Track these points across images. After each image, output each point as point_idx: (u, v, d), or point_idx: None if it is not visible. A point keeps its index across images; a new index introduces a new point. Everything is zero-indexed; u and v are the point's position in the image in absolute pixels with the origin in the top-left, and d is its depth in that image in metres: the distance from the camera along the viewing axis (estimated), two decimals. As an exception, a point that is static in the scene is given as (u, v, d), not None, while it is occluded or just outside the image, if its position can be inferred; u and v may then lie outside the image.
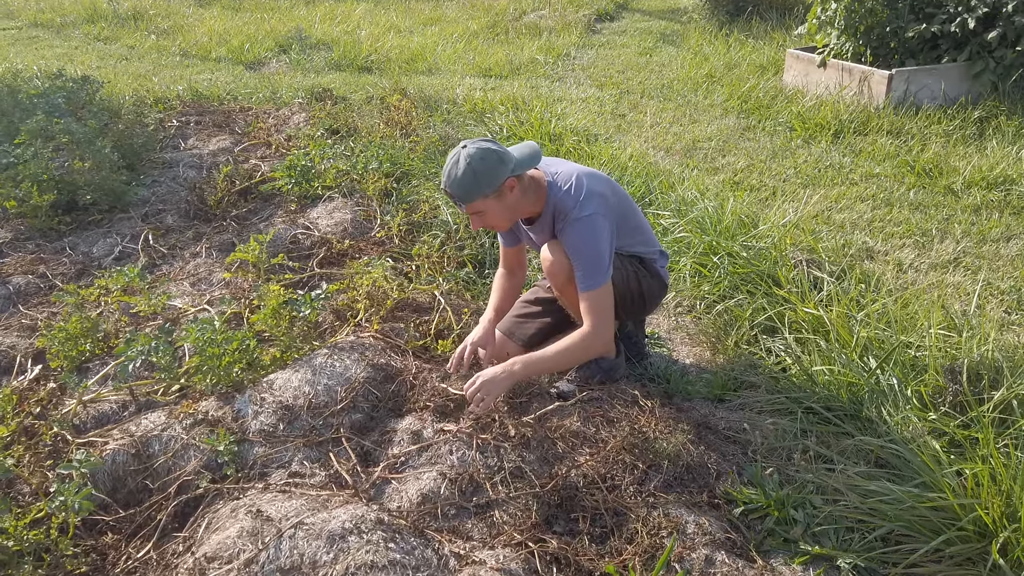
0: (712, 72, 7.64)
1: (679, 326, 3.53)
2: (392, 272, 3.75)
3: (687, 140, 5.94)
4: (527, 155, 2.65)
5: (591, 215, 2.61)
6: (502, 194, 2.58)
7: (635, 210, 2.93)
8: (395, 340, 3.10)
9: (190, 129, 6.13)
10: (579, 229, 2.61)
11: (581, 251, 2.62)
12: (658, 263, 3.00)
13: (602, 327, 2.66)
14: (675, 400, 2.96)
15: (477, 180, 2.51)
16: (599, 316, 2.65)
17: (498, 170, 2.53)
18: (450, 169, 2.55)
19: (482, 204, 2.59)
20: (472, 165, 2.50)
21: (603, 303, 2.65)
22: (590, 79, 8.03)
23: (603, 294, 2.64)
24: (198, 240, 4.26)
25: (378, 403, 2.74)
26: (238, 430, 2.58)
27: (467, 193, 2.54)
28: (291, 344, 2.87)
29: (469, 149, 2.53)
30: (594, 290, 2.62)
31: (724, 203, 4.27)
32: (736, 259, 3.66)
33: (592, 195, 2.65)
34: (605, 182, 2.78)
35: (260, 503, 2.22)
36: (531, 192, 2.69)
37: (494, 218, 2.66)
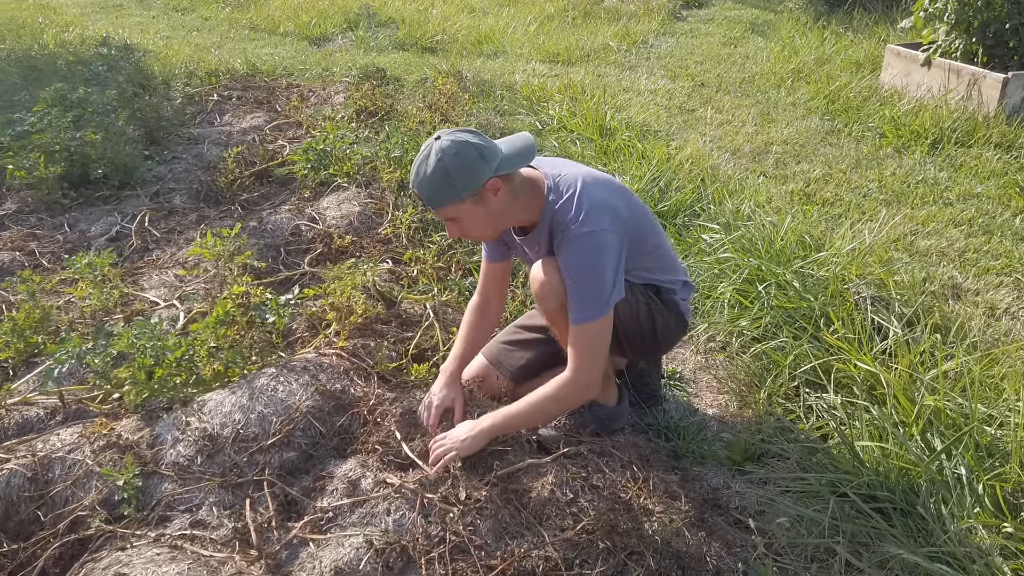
0: (800, 67, 6.89)
1: (707, 366, 2.98)
2: (386, 277, 3.33)
3: (759, 142, 5.28)
4: (518, 150, 2.16)
5: (595, 231, 2.11)
6: (482, 198, 2.11)
7: (655, 229, 2.40)
8: (363, 360, 2.68)
9: (229, 104, 5.89)
10: (579, 247, 2.11)
11: (578, 274, 2.12)
12: (679, 295, 2.46)
13: (586, 370, 2.16)
14: (683, 463, 2.43)
15: (450, 180, 2.05)
16: (585, 357, 2.15)
17: (477, 168, 2.06)
18: (419, 166, 2.09)
19: (456, 209, 2.12)
20: (444, 162, 2.04)
21: (593, 342, 2.15)
22: (664, 69, 7.39)
23: (596, 331, 2.14)
24: (199, 224, 3.96)
25: (319, 440, 2.33)
26: (151, 459, 2.21)
27: (437, 195, 2.09)
28: (234, 359, 2.49)
29: (442, 142, 2.07)
30: (585, 324, 2.12)
31: (783, 219, 3.66)
32: (785, 290, 3.07)
33: (599, 206, 2.15)
34: (619, 192, 2.27)
35: (132, 565, 1.84)
36: (523, 196, 2.20)
37: (473, 227, 2.19)
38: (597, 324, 2.13)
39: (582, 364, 2.14)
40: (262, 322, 2.83)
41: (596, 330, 2.14)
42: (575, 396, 2.21)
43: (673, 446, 2.50)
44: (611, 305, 2.14)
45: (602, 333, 2.16)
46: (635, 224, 2.26)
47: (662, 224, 3.95)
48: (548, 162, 2.33)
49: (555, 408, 2.26)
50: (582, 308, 2.12)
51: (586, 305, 2.12)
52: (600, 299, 2.11)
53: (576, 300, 2.12)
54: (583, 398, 2.28)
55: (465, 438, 2.17)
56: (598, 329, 2.14)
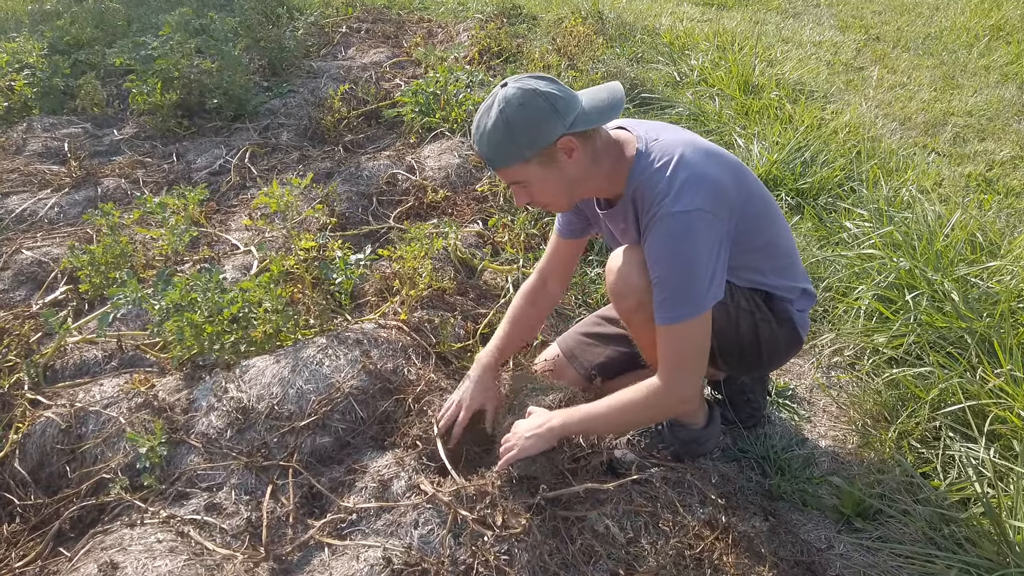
0: (1002, 23, 5.84)
1: (829, 383, 2.50)
2: (472, 241, 3.04)
3: (936, 112, 4.50)
4: (601, 104, 1.77)
5: (690, 211, 1.70)
6: (552, 159, 1.74)
7: (773, 220, 1.95)
8: (425, 336, 2.42)
9: (356, 37, 5.72)
10: (669, 229, 1.71)
11: (668, 262, 1.73)
12: (795, 306, 2.01)
13: (679, 381, 1.79)
14: (779, 507, 2.02)
15: (512, 135, 1.70)
16: (677, 365, 1.78)
17: (547, 122, 1.69)
18: (480, 118, 1.75)
19: (522, 171, 1.77)
20: (506, 113, 1.69)
21: (686, 347, 1.77)
22: (834, 18, 6.52)
23: (690, 333, 1.75)
24: (300, 164, 3.82)
25: (358, 426, 2.10)
26: (182, 426, 2.07)
27: (498, 153, 1.74)
28: (284, 323, 2.29)
29: (508, 89, 1.71)
30: (677, 324, 1.74)
31: (951, 211, 3.02)
32: (941, 303, 2.51)
33: (699, 181, 1.73)
34: (729, 167, 1.84)
35: (129, 552, 1.69)
36: (606, 161, 1.82)
37: (543, 192, 1.83)
38: (691, 325, 1.74)
39: (674, 373, 1.78)
40: (329, 281, 2.62)
41: (690, 332, 1.75)
42: (665, 408, 1.86)
43: (770, 485, 2.08)
44: (709, 303, 1.74)
45: (697, 336, 1.77)
46: (746, 209, 1.83)
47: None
48: (644, 125, 1.91)
49: (640, 417, 1.90)
50: (672, 305, 1.73)
51: (677, 301, 1.73)
52: (694, 294, 1.72)
53: (665, 295, 1.74)
54: (674, 412, 1.93)
55: (531, 435, 1.85)
56: (692, 331, 1.75)
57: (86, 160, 3.83)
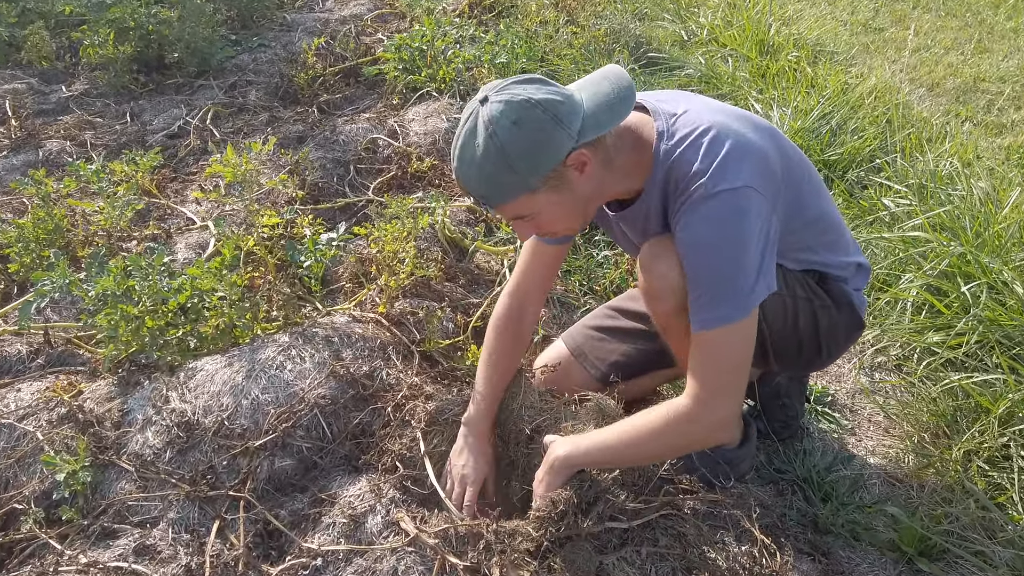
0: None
1: (873, 388, 2.17)
2: (462, 218, 2.67)
3: (965, 77, 4.14)
4: (607, 99, 1.38)
5: (734, 189, 1.35)
6: (562, 180, 1.38)
7: (818, 188, 1.61)
8: (408, 331, 2.06)
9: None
10: (709, 213, 1.37)
11: (707, 255, 1.39)
12: (851, 284, 1.69)
13: (716, 402, 1.44)
14: (828, 543, 1.69)
15: (510, 163, 1.31)
16: (716, 381, 1.43)
17: (552, 139, 1.32)
18: (463, 146, 1.35)
19: (528, 203, 1.40)
20: (499, 138, 1.30)
21: (727, 356, 1.43)
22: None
23: (732, 339, 1.41)
24: (269, 127, 3.41)
25: (326, 443, 1.75)
26: (112, 444, 1.71)
27: (496, 189, 1.37)
28: (238, 317, 1.93)
29: (492, 107, 1.31)
30: (717, 330, 1.40)
31: (1003, 190, 2.68)
32: (1004, 297, 2.18)
33: (742, 153, 1.39)
34: (766, 133, 1.49)
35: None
36: (622, 159, 1.45)
37: (553, 221, 1.47)
38: (733, 331, 1.40)
39: (709, 393, 1.43)
40: (296, 265, 2.26)
41: (732, 339, 1.41)
42: (695, 438, 1.51)
43: (815, 514, 1.76)
44: (756, 301, 1.40)
45: (740, 344, 1.43)
46: (790, 179, 1.49)
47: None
48: (659, 98, 1.54)
49: (662, 448, 1.57)
50: (711, 304, 1.39)
51: (717, 300, 1.39)
52: (739, 291, 1.38)
53: (703, 294, 1.40)
54: (706, 443, 1.59)
55: (542, 479, 1.55)
56: (735, 337, 1.41)
57: (28, 119, 3.41)
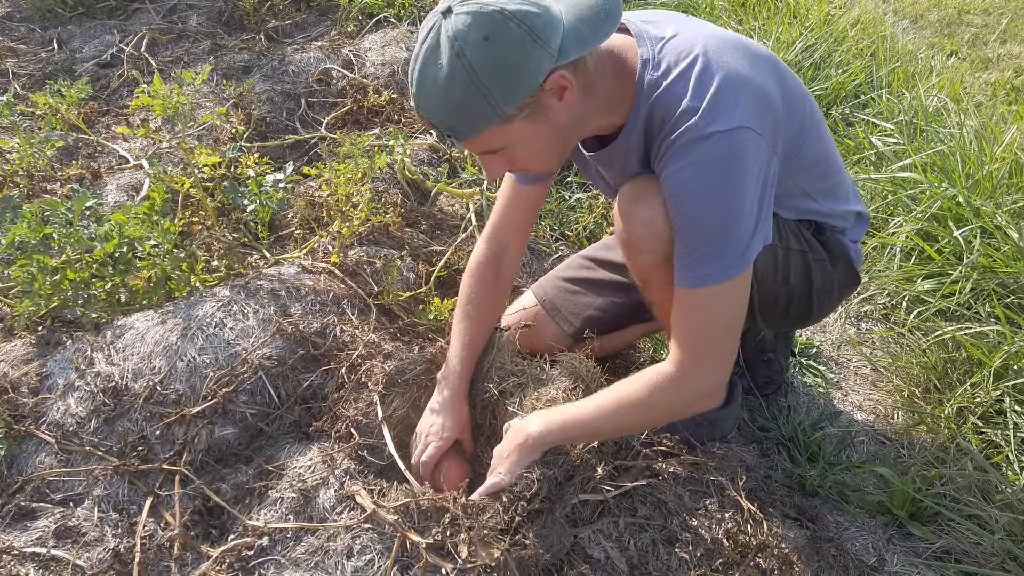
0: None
1: (860, 338, 2.06)
2: (424, 158, 2.47)
3: (950, 8, 3.98)
4: (588, 11, 1.18)
5: (730, 130, 1.18)
6: (540, 106, 1.18)
7: (819, 127, 1.44)
8: (364, 282, 1.89)
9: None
10: (702, 157, 1.20)
11: (698, 204, 1.22)
12: (848, 236, 1.55)
13: (703, 368, 1.31)
14: (815, 507, 1.59)
15: (480, 87, 1.12)
16: (703, 345, 1.30)
17: (528, 57, 1.12)
18: (423, 66, 1.14)
19: (500, 134, 1.20)
20: (466, 57, 1.10)
21: (718, 318, 1.29)
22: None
23: (723, 299, 1.27)
24: (210, 56, 3.12)
25: (273, 409, 1.58)
26: (29, 413, 1.52)
27: (464, 118, 1.17)
28: (174, 268, 1.73)
29: (457, 20, 1.11)
30: (706, 287, 1.25)
31: (994, 128, 2.55)
32: (997, 243, 2.07)
33: (737, 87, 1.22)
34: (765, 64, 1.31)
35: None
36: (602, 85, 1.26)
37: (529, 155, 1.28)
38: (724, 289, 1.26)
39: (695, 358, 1.29)
40: (239, 209, 2.05)
41: (722, 299, 1.27)
42: (679, 406, 1.38)
43: (799, 476, 1.65)
44: (752, 257, 1.25)
45: (732, 305, 1.29)
46: (791, 116, 1.33)
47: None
48: (644, 18, 1.35)
49: (642, 420, 1.43)
50: (703, 262, 1.24)
51: (709, 256, 1.23)
52: (733, 246, 1.23)
53: (692, 249, 1.24)
54: (690, 411, 1.44)
55: (508, 455, 1.39)
56: (726, 297, 1.27)
57: (-59, 46, 3.08)
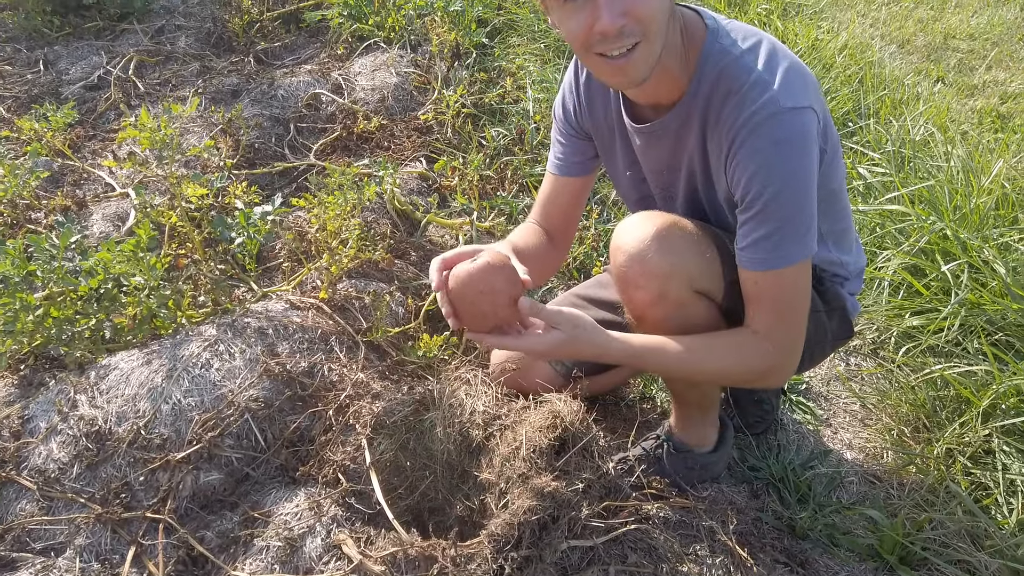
0: (997, -66, 5.33)
1: (850, 373, 2.06)
2: (414, 187, 2.46)
3: (936, 34, 4.01)
4: None
5: (803, 109, 1.19)
6: None
7: (840, 151, 1.42)
8: (354, 318, 1.87)
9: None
10: (782, 132, 1.19)
11: (781, 180, 1.20)
12: (847, 288, 1.54)
13: (791, 339, 1.32)
14: (805, 550, 1.59)
15: None
16: (788, 318, 1.30)
17: None
18: None
19: None
20: None
21: (798, 296, 1.29)
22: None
23: (801, 278, 1.29)
24: (200, 78, 3.11)
25: (259, 453, 1.56)
26: (11, 458, 1.50)
27: None
28: (160, 305, 1.71)
29: None
30: (793, 266, 1.25)
31: (981, 159, 2.57)
32: (985, 278, 2.07)
33: (803, 74, 1.23)
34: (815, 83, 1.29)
35: None
36: (675, 30, 1.25)
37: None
38: (802, 269, 1.27)
39: (782, 328, 1.30)
40: (227, 244, 2.03)
41: (801, 279, 1.29)
42: (767, 366, 1.32)
43: (789, 519, 1.65)
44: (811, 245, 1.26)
45: (807, 284, 1.30)
46: (829, 128, 1.32)
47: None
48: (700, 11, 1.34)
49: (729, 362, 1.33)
50: (787, 241, 1.23)
51: (789, 236, 1.23)
52: (808, 226, 1.24)
53: (775, 228, 1.23)
54: (773, 376, 1.38)
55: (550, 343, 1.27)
56: (803, 277, 1.29)
57: (-75, 66, 3.06)
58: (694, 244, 1.34)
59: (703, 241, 1.35)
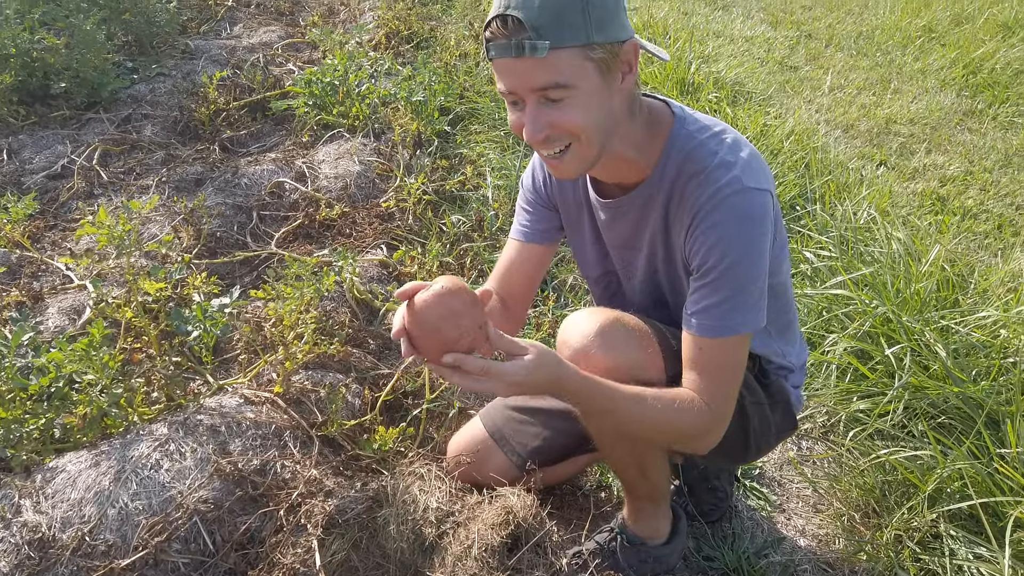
0: (932, 24, 5.67)
1: (801, 457, 2.10)
2: (374, 274, 2.49)
3: (879, 119, 4.21)
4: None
5: (763, 190, 1.26)
6: (611, 67, 1.19)
7: (787, 247, 1.47)
8: (310, 411, 1.87)
9: (244, 12, 5.00)
10: (745, 208, 1.24)
11: (737, 252, 1.25)
12: (791, 381, 1.58)
13: (728, 406, 1.34)
14: (758, 642, 1.59)
15: (583, 3, 1.13)
16: (731, 386, 1.33)
17: (620, 11, 1.19)
18: None
19: (574, 63, 1.16)
20: None
21: (734, 362, 1.32)
22: (764, 12, 6.23)
23: (740, 347, 1.32)
24: (165, 166, 3.16)
25: (207, 557, 1.54)
26: (-52, 568, 1.46)
27: (557, 20, 1.13)
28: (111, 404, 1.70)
29: None
30: (736, 336, 1.29)
31: (920, 243, 2.68)
32: (924, 359, 2.15)
33: (762, 163, 1.30)
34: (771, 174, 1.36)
35: None
36: (640, 118, 1.31)
37: (586, 111, 1.20)
38: (742, 341, 1.31)
39: (727, 399, 1.32)
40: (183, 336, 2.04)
41: (740, 348, 1.32)
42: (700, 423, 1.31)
43: (744, 610, 1.65)
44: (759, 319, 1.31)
45: (744, 353, 1.34)
46: (779, 221, 1.37)
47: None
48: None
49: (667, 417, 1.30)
50: (736, 311, 1.28)
51: (743, 307, 1.28)
52: (757, 299, 1.30)
53: (726, 297, 1.27)
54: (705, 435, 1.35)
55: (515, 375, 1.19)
56: (742, 347, 1.32)
57: None
58: (636, 340, 1.38)
59: (645, 337, 1.39)
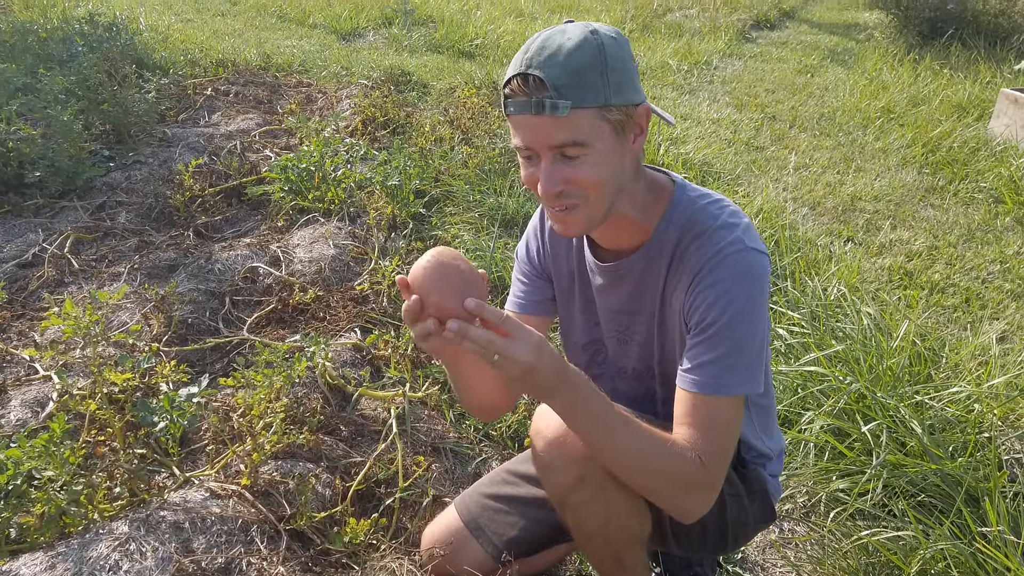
0: (891, 106, 5.90)
1: (783, 540, 2.06)
2: (347, 358, 2.47)
3: (844, 196, 4.33)
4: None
5: (763, 254, 1.30)
6: (625, 129, 1.23)
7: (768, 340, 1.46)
8: (279, 503, 1.82)
9: (223, 101, 5.10)
10: (746, 268, 1.26)
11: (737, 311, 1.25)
12: (769, 470, 1.56)
13: (721, 466, 1.28)
14: None
15: (605, 65, 1.18)
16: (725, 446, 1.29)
17: (635, 77, 1.25)
18: (550, 37, 1.20)
19: (593, 123, 1.18)
20: (600, 39, 1.20)
21: (735, 422, 1.30)
22: (729, 96, 6.46)
23: (736, 410, 1.29)
24: (137, 253, 3.15)
25: (166, 666, 1.46)
26: None
27: (580, 82, 1.16)
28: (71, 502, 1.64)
29: (589, 24, 1.23)
30: (731, 396, 1.27)
31: (890, 318, 2.72)
32: (901, 435, 2.14)
33: (756, 233, 1.34)
34: None
35: None
36: (643, 182, 1.35)
37: (599, 169, 1.21)
38: (737, 403, 1.29)
39: (721, 458, 1.28)
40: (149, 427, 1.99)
41: (735, 410, 1.29)
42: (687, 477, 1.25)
43: None
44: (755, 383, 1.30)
45: (738, 421, 1.31)
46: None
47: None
48: None
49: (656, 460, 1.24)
50: (732, 371, 1.26)
51: (740, 367, 1.27)
52: (754, 361, 1.28)
53: (722, 355, 1.26)
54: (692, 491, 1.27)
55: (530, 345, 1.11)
56: (737, 412, 1.30)
57: None
58: None
59: None
